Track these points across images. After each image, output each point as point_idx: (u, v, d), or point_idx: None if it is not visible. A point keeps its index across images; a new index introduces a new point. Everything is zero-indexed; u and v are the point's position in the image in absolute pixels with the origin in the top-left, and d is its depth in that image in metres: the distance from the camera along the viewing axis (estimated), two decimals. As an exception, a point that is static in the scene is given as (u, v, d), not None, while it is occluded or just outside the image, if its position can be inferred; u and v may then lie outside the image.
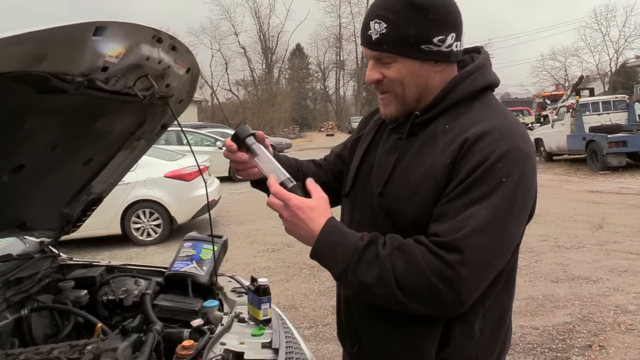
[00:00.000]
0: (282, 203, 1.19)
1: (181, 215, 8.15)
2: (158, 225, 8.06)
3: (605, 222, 7.88)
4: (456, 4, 1.22)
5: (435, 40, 1.16)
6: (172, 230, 8.17)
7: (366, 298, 1.22)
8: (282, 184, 1.23)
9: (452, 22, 1.18)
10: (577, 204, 9.54)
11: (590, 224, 7.77)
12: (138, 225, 8.00)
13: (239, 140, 1.37)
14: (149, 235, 8.06)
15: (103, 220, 7.34)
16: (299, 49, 65.31)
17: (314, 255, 1.20)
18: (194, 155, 2.15)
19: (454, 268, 1.07)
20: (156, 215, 8.02)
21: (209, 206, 2.13)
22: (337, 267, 1.16)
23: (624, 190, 10.81)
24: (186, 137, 2.39)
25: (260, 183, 1.49)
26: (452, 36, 1.18)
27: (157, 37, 1.42)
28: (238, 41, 56.76)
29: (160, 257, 7.07)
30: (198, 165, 2.17)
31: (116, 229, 7.85)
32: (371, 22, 1.18)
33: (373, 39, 1.18)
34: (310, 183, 1.24)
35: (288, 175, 1.26)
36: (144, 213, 8.00)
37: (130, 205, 7.86)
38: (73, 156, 1.86)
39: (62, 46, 1.06)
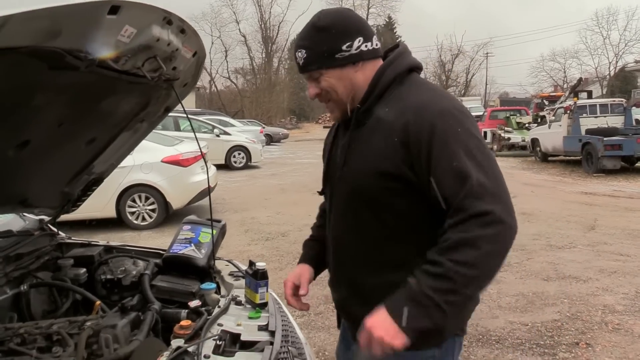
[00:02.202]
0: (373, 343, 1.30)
1: (177, 201, 8.15)
2: (153, 210, 8.06)
3: (597, 223, 7.95)
4: (356, 15, 1.49)
5: (344, 47, 1.41)
6: (167, 216, 8.17)
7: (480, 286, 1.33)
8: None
9: (353, 30, 1.42)
10: (571, 204, 9.61)
11: (583, 225, 7.83)
12: (133, 209, 8.00)
13: None
14: (143, 219, 8.06)
15: (98, 202, 7.34)
16: (299, 39, 64.91)
17: (413, 331, 1.26)
18: (197, 138, 2.18)
19: (487, 211, 1.22)
20: (152, 199, 8.02)
21: (209, 190, 2.15)
22: (436, 317, 1.24)
23: (617, 193, 10.89)
24: (190, 121, 2.40)
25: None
26: (359, 39, 1.42)
27: (168, 19, 1.44)
28: (239, 29, 56.54)
29: (154, 241, 7.09)
30: (200, 149, 2.17)
31: (111, 212, 7.84)
32: (296, 53, 1.46)
33: (300, 64, 1.46)
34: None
35: None
36: (140, 197, 8.00)
37: (126, 189, 7.84)
38: (77, 135, 1.88)
39: (77, 23, 1.08)
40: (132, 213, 8.01)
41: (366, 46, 1.43)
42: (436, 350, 1.46)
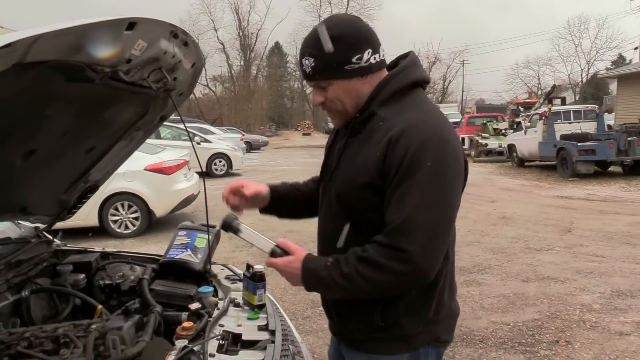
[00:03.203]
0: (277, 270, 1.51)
1: (160, 209, 8.14)
2: (136, 218, 8.03)
3: (573, 226, 8.18)
4: (366, 24, 1.47)
5: (354, 59, 1.41)
6: (151, 224, 8.15)
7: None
8: (271, 254, 1.54)
9: (364, 41, 1.42)
10: (547, 208, 9.86)
11: (559, 228, 8.05)
12: (116, 218, 7.97)
13: (229, 226, 1.61)
14: (126, 227, 8.03)
15: (81, 211, 7.23)
16: (277, 47, 65.16)
17: (311, 291, 1.50)
18: (194, 148, 2.25)
19: (404, 249, 1.30)
20: (135, 207, 7.99)
21: (205, 196, 2.21)
22: (327, 292, 1.52)
23: (592, 197, 11.19)
24: (187, 131, 2.46)
25: (267, 210, 1.85)
26: (368, 52, 1.42)
27: (174, 33, 1.51)
28: (217, 36, 56.42)
29: (138, 249, 6.99)
30: (198, 157, 2.23)
31: (94, 221, 7.79)
32: (303, 60, 1.45)
33: (307, 72, 1.45)
34: (282, 243, 1.53)
35: (273, 244, 1.55)
36: (123, 205, 7.97)
37: (108, 197, 7.81)
38: (79, 143, 1.93)
39: (98, 39, 1.14)
40: (115, 221, 7.97)
41: (375, 58, 1.43)
42: (406, 355, 1.52)
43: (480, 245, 7.01)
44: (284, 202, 1.84)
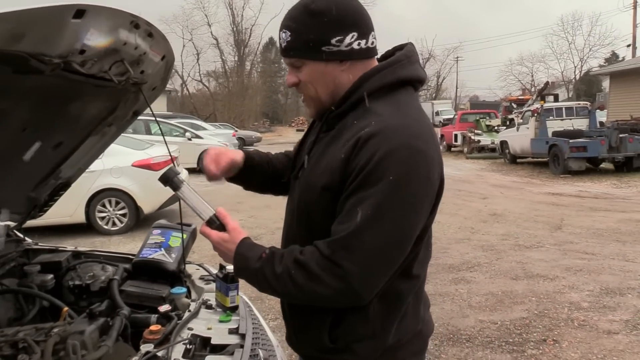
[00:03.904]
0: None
1: (148, 205, 8.05)
2: (124, 215, 7.95)
3: (564, 223, 8.16)
4: (358, 4, 1.29)
5: (333, 41, 1.25)
6: (139, 220, 8.06)
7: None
8: (208, 222, 1.42)
9: (350, 23, 1.26)
10: (538, 205, 9.84)
11: (550, 225, 8.03)
12: (103, 214, 7.87)
13: (168, 180, 1.47)
14: (114, 224, 7.94)
15: (67, 208, 7.21)
16: (271, 42, 64.82)
17: (238, 277, 1.46)
18: (166, 143, 2.17)
19: (341, 265, 1.18)
20: (122, 204, 7.91)
21: (178, 193, 2.14)
22: (255, 285, 1.34)
23: (583, 194, 11.19)
24: (159, 124, 2.39)
25: (235, 179, 1.68)
26: (353, 35, 1.26)
27: (135, 23, 1.43)
28: (211, 32, 56.11)
29: (125, 246, 6.98)
30: (170, 153, 2.16)
31: (81, 218, 7.70)
32: (280, 32, 1.31)
33: (282, 47, 1.31)
34: (221, 214, 1.41)
35: (211, 213, 1.43)
36: (110, 202, 7.88)
37: (95, 194, 7.71)
38: (43, 139, 1.85)
39: (41, 27, 1.07)
40: (102, 218, 7.89)
41: (359, 44, 1.27)
42: None
43: (470, 243, 6.97)
44: (255, 172, 1.68)
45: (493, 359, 3.68)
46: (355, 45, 1.27)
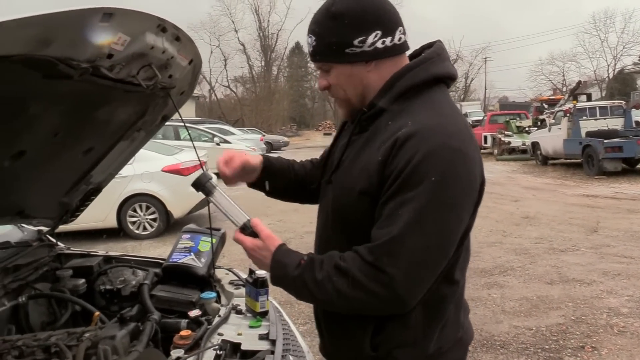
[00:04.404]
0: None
1: (177, 210, 8.15)
2: (154, 219, 8.06)
3: (599, 226, 7.92)
4: (380, 2, 1.26)
5: (356, 42, 1.23)
6: (169, 225, 8.16)
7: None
8: (241, 228, 1.39)
9: (372, 21, 1.23)
10: (572, 207, 9.58)
11: (585, 228, 7.80)
12: (134, 219, 8.00)
13: (201, 185, 1.45)
14: (144, 229, 8.05)
15: (99, 213, 7.34)
16: (298, 47, 65.22)
17: (274, 285, 1.35)
18: (195, 148, 2.17)
19: (385, 271, 1.14)
20: (153, 209, 8.02)
21: (208, 197, 2.13)
22: (293, 293, 1.31)
23: (619, 195, 10.86)
24: (188, 130, 2.38)
25: (256, 184, 1.65)
26: (377, 34, 1.23)
27: (162, 27, 1.42)
28: (238, 38, 56.75)
29: (156, 251, 7.07)
30: (198, 157, 2.16)
31: (112, 222, 7.84)
32: (307, 37, 1.31)
33: (309, 52, 1.31)
34: (256, 224, 1.37)
35: (245, 219, 1.40)
36: (141, 207, 8.00)
37: (127, 199, 7.85)
38: (74, 144, 1.86)
39: (69, 31, 1.06)
40: (133, 223, 8.01)
41: (383, 42, 1.24)
42: None
43: (503, 246, 6.82)
44: (276, 178, 1.64)
45: (529, 366, 3.58)
46: (379, 44, 1.24)
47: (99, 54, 1.22)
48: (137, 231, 8.02)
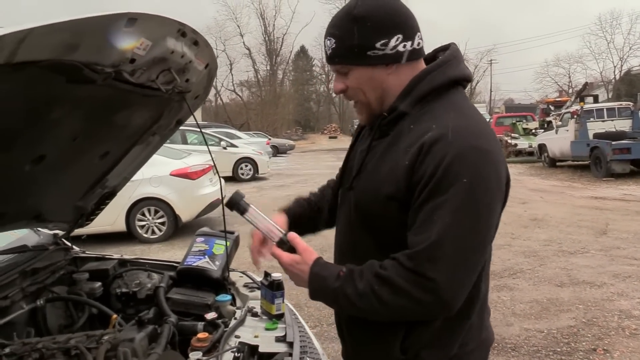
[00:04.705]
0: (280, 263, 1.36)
1: (186, 214, 8.17)
2: (163, 223, 8.08)
3: (609, 228, 7.88)
4: (401, 5, 1.27)
5: (378, 45, 1.23)
6: (177, 228, 8.19)
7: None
8: (278, 244, 1.40)
9: (393, 25, 1.24)
10: (581, 209, 9.55)
11: (594, 230, 7.77)
12: (143, 223, 8.03)
13: (235, 203, 1.44)
14: (153, 232, 8.08)
15: (109, 217, 7.37)
16: (303, 50, 65.35)
17: (313, 299, 1.33)
18: (209, 150, 2.19)
19: (428, 277, 1.14)
20: (161, 213, 8.04)
21: (223, 201, 2.15)
22: (333, 305, 1.34)
23: (628, 197, 10.81)
24: (203, 134, 2.38)
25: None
26: (398, 38, 1.24)
27: (182, 31, 1.44)
28: (243, 42, 56.97)
29: (164, 254, 7.09)
30: (213, 161, 2.17)
31: (121, 226, 7.87)
32: (325, 40, 1.30)
33: (328, 54, 1.30)
34: (293, 238, 1.37)
35: (281, 234, 1.41)
36: (149, 211, 8.03)
37: (135, 203, 7.87)
38: (91, 148, 1.88)
39: (95, 36, 1.08)
40: (142, 226, 8.03)
41: (404, 46, 1.25)
42: None
43: (511, 249, 6.80)
44: (305, 227, 1.64)
45: (541, 369, 3.57)
46: (400, 48, 1.25)
47: (123, 59, 1.24)
48: (145, 235, 8.04)
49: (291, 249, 1.36)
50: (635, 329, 4.15)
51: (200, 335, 1.71)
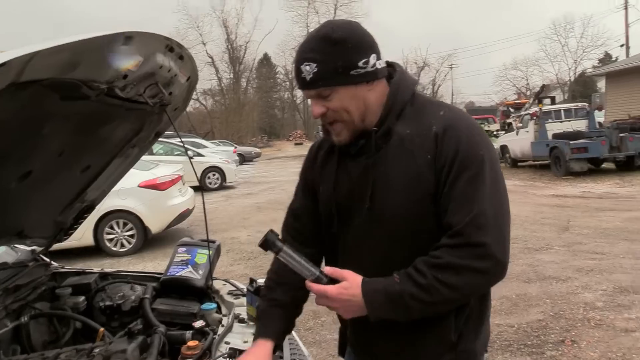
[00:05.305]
0: (326, 298, 1.31)
1: (155, 225, 8.07)
2: (132, 236, 7.95)
3: (570, 224, 8.18)
4: (366, 29, 1.36)
5: (360, 63, 1.30)
6: (147, 240, 8.07)
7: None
8: (316, 281, 1.34)
9: (368, 45, 1.33)
10: (543, 208, 9.86)
11: (557, 227, 8.05)
12: (111, 236, 7.89)
13: (271, 244, 1.35)
14: (122, 246, 7.95)
15: (76, 231, 7.19)
16: (266, 58, 65.40)
17: (375, 319, 1.30)
18: (191, 162, 2.20)
19: (480, 244, 1.21)
20: (130, 225, 7.92)
21: (205, 211, 2.18)
22: (398, 313, 1.28)
23: (587, 195, 11.22)
24: (184, 145, 2.40)
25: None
26: (374, 56, 1.33)
27: (170, 46, 1.48)
28: (206, 50, 56.45)
29: (135, 267, 6.98)
30: (196, 173, 2.20)
31: (89, 240, 7.70)
32: (302, 66, 1.31)
33: (307, 79, 1.31)
34: (329, 270, 1.34)
35: (317, 271, 1.35)
36: (118, 223, 7.89)
37: (103, 216, 7.72)
38: (75, 162, 1.89)
39: (94, 55, 1.11)
40: (111, 240, 7.89)
41: (380, 63, 1.34)
42: None
43: (480, 248, 6.96)
44: (287, 332, 1.59)
45: (514, 362, 3.70)
46: (378, 65, 1.34)
47: (117, 75, 1.27)
48: (114, 248, 7.90)
49: (331, 282, 1.32)
50: (600, 319, 4.34)
51: (190, 343, 1.73)
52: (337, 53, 1.28)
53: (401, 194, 1.31)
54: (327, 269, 1.34)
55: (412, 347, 1.41)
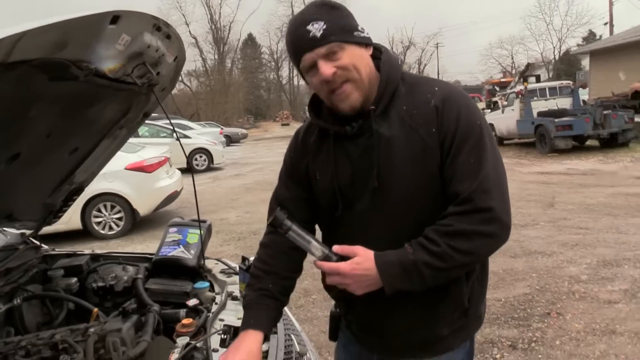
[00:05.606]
0: (339, 275, 1.31)
1: (143, 208, 8.04)
2: (120, 219, 7.92)
3: (555, 200, 8.31)
4: None
5: (359, 28, 1.35)
6: (135, 223, 8.05)
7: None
8: (325, 259, 1.33)
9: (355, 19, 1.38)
10: (529, 184, 9.99)
11: (542, 203, 8.17)
12: (99, 219, 7.85)
13: (280, 223, 1.35)
14: (110, 228, 7.92)
15: (64, 214, 7.16)
16: (251, 38, 64.65)
17: (392, 291, 1.30)
18: (180, 143, 2.20)
19: (488, 207, 1.25)
20: (118, 208, 7.88)
21: (195, 190, 2.18)
22: (414, 282, 1.29)
23: (571, 171, 11.38)
24: (173, 125, 2.39)
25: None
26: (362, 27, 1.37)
27: (157, 26, 1.47)
28: (189, 31, 55.54)
29: (124, 249, 6.94)
30: (186, 155, 2.20)
31: (77, 224, 7.66)
32: (309, 26, 1.29)
33: (319, 36, 1.28)
34: (338, 248, 1.33)
35: (326, 249, 1.34)
36: (105, 206, 7.85)
37: (90, 199, 7.67)
38: (63, 144, 1.88)
39: (82, 34, 1.10)
40: (99, 223, 7.85)
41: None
42: (467, 344, 1.51)
43: (467, 225, 7.05)
44: (276, 321, 1.55)
45: (501, 335, 3.78)
46: (367, 34, 1.37)
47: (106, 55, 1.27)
48: (102, 231, 7.87)
49: (341, 259, 1.31)
50: (584, 292, 4.44)
51: (185, 321, 1.76)
52: (339, 15, 1.32)
53: (408, 169, 1.32)
54: (337, 247, 1.33)
55: (429, 315, 1.42)
